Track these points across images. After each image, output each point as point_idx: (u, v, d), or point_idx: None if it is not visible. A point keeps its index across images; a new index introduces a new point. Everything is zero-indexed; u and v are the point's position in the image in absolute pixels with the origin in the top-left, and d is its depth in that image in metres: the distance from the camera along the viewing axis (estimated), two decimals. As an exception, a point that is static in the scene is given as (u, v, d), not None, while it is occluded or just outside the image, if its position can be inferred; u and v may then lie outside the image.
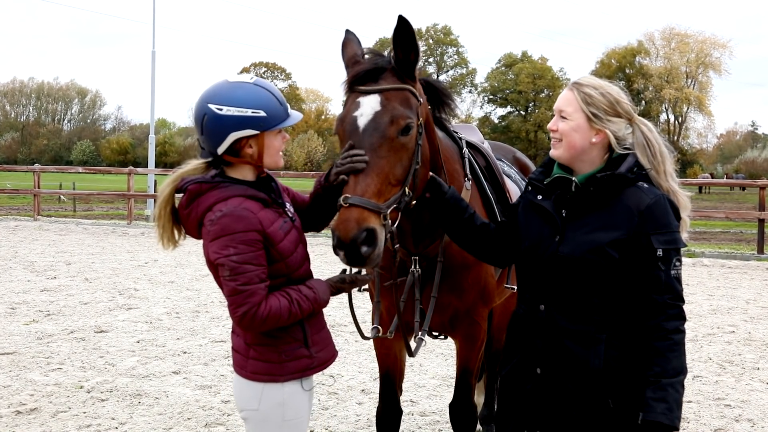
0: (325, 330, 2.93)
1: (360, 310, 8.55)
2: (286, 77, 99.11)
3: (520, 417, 2.85)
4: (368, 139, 2.84)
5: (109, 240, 17.37)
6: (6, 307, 9.24)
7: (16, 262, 13.25)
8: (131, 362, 6.87)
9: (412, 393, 6.12)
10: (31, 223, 21.09)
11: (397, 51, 2.99)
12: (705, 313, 9.80)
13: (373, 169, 2.80)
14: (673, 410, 2.54)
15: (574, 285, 2.70)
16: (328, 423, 5.41)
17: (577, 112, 2.75)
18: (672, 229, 2.65)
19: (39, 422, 5.28)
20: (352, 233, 2.65)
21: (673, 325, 2.60)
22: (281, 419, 2.77)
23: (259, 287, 2.63)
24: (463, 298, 3.59)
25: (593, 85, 2.78)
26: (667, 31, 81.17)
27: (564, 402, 2.72)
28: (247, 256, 2.61)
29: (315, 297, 2.75)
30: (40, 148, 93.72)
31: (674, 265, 2.63)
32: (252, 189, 2.74)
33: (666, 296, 2.61)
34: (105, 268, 12.76)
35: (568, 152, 2.78)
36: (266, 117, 2.70)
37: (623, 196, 2.69)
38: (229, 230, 2.60)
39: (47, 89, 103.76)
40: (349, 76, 3.03)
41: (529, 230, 2.86)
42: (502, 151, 4.97)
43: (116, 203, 31.67)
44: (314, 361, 2.83)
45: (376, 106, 2.91)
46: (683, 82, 79.89)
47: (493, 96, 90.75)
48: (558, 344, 2.72)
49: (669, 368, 2.57)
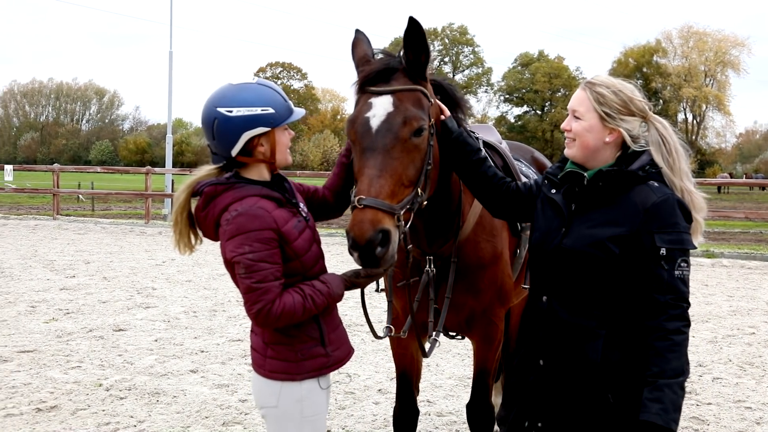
0: (340, 328, 2.95)
1: (377, 309, 8.57)
2: (302, 77, 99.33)
3: (522, 408, 2.87)
4: (381, 141, 2.84)
5: (127, 239, 17.49)
6: (26, 305, 9.32)
7: (36, 260, 13.38)
8: (149, 361, 6.91)
9: (428, 393, 6.12)
10: (51, 223, 21.28)
11: (408, 52, 2.99)
12: (725, 314, 9.72)
13: (387, 170, 2.81)
14: (669, 412, 2.50)
15: (575, 278, 2.71)
16: (344, 422, 5.41)
17: (590, 112, 2.75)
18: (679, 229, 2.62)
19: (59, 420, 5.33)
20: (367, 235, 2.66)
21: (675, 326, 2.56)
22: (300, 416, 2.80)
23: (274, 285, 2.66)
24: (479, 298, 3.58)
25: (606, 84, 2.77)
26: (685, 29, 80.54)
27: (565, 395, 2.73)
28: (262, 254, 2.64)
29: (329, 291, 2.77)
30: (59, 148, 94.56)
31: (679, 265, 2.59)
32: (266, 189, 2.78)
33: (668, 296, 2.57)
34: (123, 267, 12.85)
35: (581, 152, 2.79)
36: (275, 113, 2.77)
37: (632, 193, 2.69)
38: (245, 229, 2.64)
39: (66, 90, 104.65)
40: (360, 76, 3.04)
41: (541, 222, 2.88)
42: (520, 151, 4.95)
43: (134, 203, 31.87)
44: (330, 359, 2.85)
45: (389, 107, 2.91)
46: (701, 81, 79.25)
47: (509, 95, 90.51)
48: (558, 336, 2.74)
49: (668, 369, 2.53)
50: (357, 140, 2.91)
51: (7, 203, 30.42)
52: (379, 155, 2.82)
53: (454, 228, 3.44)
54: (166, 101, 27.56)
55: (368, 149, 2.84)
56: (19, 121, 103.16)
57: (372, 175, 2.78)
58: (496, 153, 4.00)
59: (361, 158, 2.86)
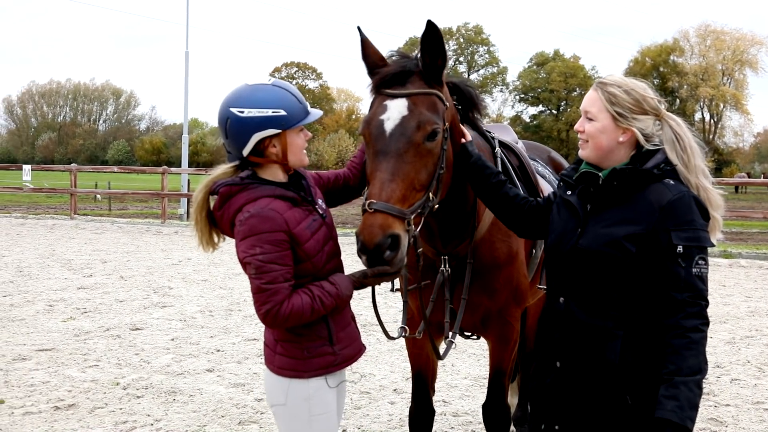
0: (351, 326, 2.97)
1: (392, 309, 8.57)
2: (318, 77, 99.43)
3: (539, 410, 2.86)
4: (394, 144, 2.84)
5: (144, 239, 17.59)
6: (44, 304, 9.40)
7: (54, 260, 13.48)
8: (166, 360, 6.95)
9: (444, 393, 6.11)
10: (68, 222, 21.44)
11: (425, 55, 2.98)
12: (743, 315, 9.64)
13: (399, 174, 2.80)
14: (684, 409, 2.48)
15: (592, 278, 2.69)
16: (360, 422, 5.42)
17: (602, 113, 2.74)
18: (695, 226, 2.60)
19: (77, 418, 5.37)
20: (376, 239, 2.67)
21: (692, 324, 2.55)
22: (308, 414, 2.82)
23: (283, 286, 2.69)
24: (494, 298, 3.57)
25: (618, 83, 2.76)
26: (703, 28, 79.87)
27: (582, 397, 2.72)
28: (273, 255, 2.67)
29: (337, 292, 2.78)
30: (77, 148, 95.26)
31: (697, 263, 2.57)
32: (281, 189, 2.80)
33: (686, 294, 2.56)
34: (140, 266, 12.93)
35: (595, 153, 2.78)
36: (286, 116, 2.78)
37: (647, 191, 2.67)
38: (256, 230, 2.68)
39: (83, 90, 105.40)
40: (375, 78, 3.02)
41: (557, 224, 2.87)
42: (536, 151, 4.93)
43: (150, 202, 32.05)
44: (338, 357, 2.87)
45: (404, 111, 2.90)
46: (719, 80, 78.59)
47: (524, 95, 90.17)
48: (576, 338, 2.72)
49: (684, 366, 2.52)
50: (370, 142, 2.91)
51: (26, 203, 30.70)
52: (392, 159, 2.82)
53: (469, 228, 3.43)
54: (182, 101, 27.69)
55: (381, 152, 2.84)
56: (37, 122, 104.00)
57: (384, 179, 2.78)
58: (512, 153, 3.99)
59: (374, 161, 2.86)
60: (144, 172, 28.15)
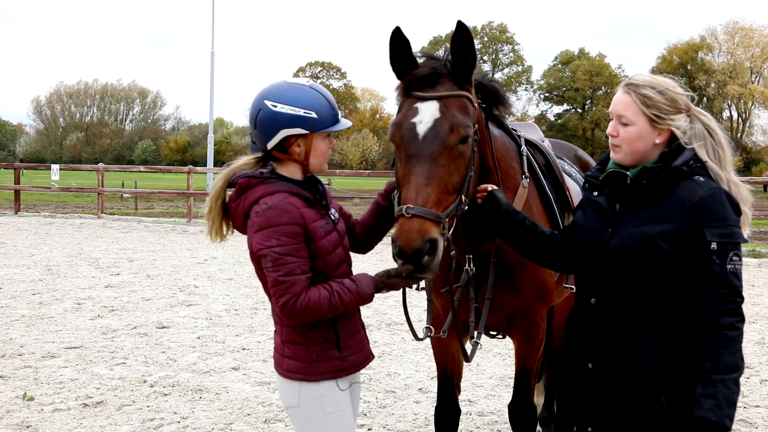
0: (360, 334, 2.96)
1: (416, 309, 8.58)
2: (342, 76, 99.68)
3: (572, 413, 2.84)
4: (428, 148, 2.82)
5: (170, 237, 17.74)
6: (72, 302, 9.51)
7: (82, 258, 13.64)
8: (192, 358, 7.00)
9: (469, 393, 6.10)
10: (95, 221, 21.68)
11: (455, 56, 2.96)
12: (772, 315, 9.51)
13: (434, 178, 2.79)
14: (723, 407, 2.46)
15: (624, 278, 2.67)
16: (385, 421, 5.42)
17: (638, 116, 2.69)
18: (729, 222, 2.57)
19: (105, 415, 5.42)
20: (415, 245, 2.65)
21: (728, 321, 2.52)
22: (323, 413, 2.82)
23: (300, 278, 2.69)
24: (519, 297, 3.55)
25: (650, 84, 2.70)
26: (731, 25, 78.91)
27: (615, 398, 2.69)
28: (289, 248, 2.68)
29: (357, 290, 2.77)
30: (104, 148, 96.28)
31: (731, 259, 2.55)
32: (297, 187, 2.82)
33: (721, 291, 2.53)
34: (166, 265, 13.04)
35: (630, 157, 2.74)
36: (317, 119, 2.79)
37: (678, 189, 2.64)
38: (273, 222, 2.69)
39: (110, 90, 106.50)
40: (404, 80, 2.99)
41: (585, 225, 2.84)
42: (563, 150, 4.90)
43: (176, 201, 32.31)
44: (345, 363, 2.86)
45: (436, 114, 2.88)
46: (747, 77, 77.57)
47: (549, 94, 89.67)
48: (609, 338, 2.69)
49: (721, 364, 2.49)
50: (402, 146, 2.88)
51: (54, 202, 31.08)
52: (426, 162, 2.80)
53: None
54: (208, 101, 27.96)
55: (414, 156, 2.81)
56: (65, 122, 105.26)
57: (419, 183, 2.76)
58: (538, 151, 3.96)
59: (406, 164, 2.83)
60: (170, 171, 28.42)
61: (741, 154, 71.98)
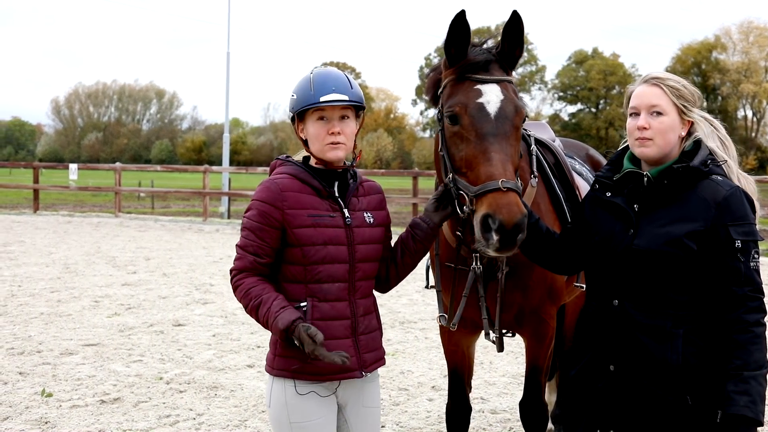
0: (343, 342, 2.78)
1: (429, 307, 8.59)
2: (356, 76, 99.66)
3: (591, 417, 2.82)
4: (501, 127, 2.90)
5: (186, 236, 17.86)
6: (90, 300, 9.63)
7: (99, 257, 13.77)
8: (208, 355, 7.08)
9: (482, 390, 6.13)
10: (113, 220, 21.87)
11: (505, 44, 3.05)
12: (787, 315, 9.46)
13: (510, 156, 2.88)
14: (757, 403, 2.51)
15: (649, 278, 2.68)
16: (399, 419, 5.47)
17: (670, 105, 2.74)
18: (750, 221, 2.63)
19: (122, 411, 5.50)
20: (516, 218, 2.68)
21: (754, 318, 2.58)
22: (288, 421, 2.77)
23: (248, 257, 2.75)
24: (528, 295, 3.55)
25: (672, 78, 2.79)
26: (745, 24, 78.19)
27: (639, 399, 2.69)
28: (254, 224, 2.76)
29: (266, 315, 2.65)
30: (121, 147, 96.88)
31: (753, 257, 2.61)
32: (305, 173, 2.84)
33: (746, 288, 2.58)
34: (182, 263, 13.15)
35: (662, 150, 2.75)
36: (295, 99, 2.84)
37: (698, 188, 2.68)
38: (255, 196, 2.80)
39: (128, 91, 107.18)
40: (460, 64, 3.03)
41: (599, 227, 2.83)
42: (574, 149, 4.92)
43: (192, 200, 32.49)
44: (308, 367, 2.73)
45: (500, 95, 2.97)
46: (762, 76, 76.86)
47: (563, 93, 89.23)
48: (633, 340, 2.70)
49: (751, 361, 2.54)
50: (473, 124, 2.91)
51: (72, 201, 31.37)
52: (503, 140, 2.88)
53: None
54: (224, 101, 28.00)
55: (491, 134, 2.88)
56: (83, 122, 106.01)
57: (503, 159, 2.83)
58: (548, 150, 3.99)
59: (481, 142, 2.87)
60: (186, 170, 28.56)
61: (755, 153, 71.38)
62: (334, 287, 2.79)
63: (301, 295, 2.78)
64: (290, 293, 2.78)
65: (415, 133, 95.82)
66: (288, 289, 2.79)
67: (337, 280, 2.80)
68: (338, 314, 2.80)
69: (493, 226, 2.68)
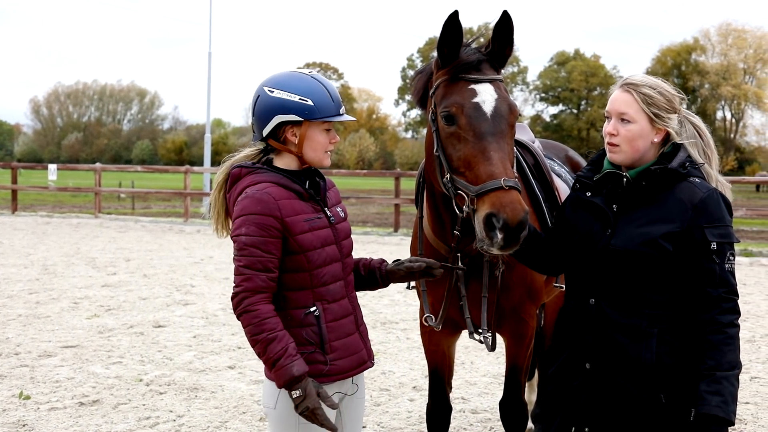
0: (352, 337, 2.83)
1: (411, 308, 8.60)
2: (339, 77, 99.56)
3: (567, 414, 2.85)
4: (498, 126, 2.92)
5: (167, 237, 17.76)
6: (69, 301, 9.55)
7: (79, 258, 13.66)
8: (188, 357, 7.04)
9: (463, 390, 6.15)
10: (93, 221, 21.70)
11: (495, 43, 3.08)
12: (763, 313, 9.58)
13: (508, 154, 2.90)
14: (729, 404, 2.54)
15: (625, 278, 2.71)
16: (380, 419, 5.47)
17: (639, 114, 2.73)
18: (726, 223, 2.66)
19: (101, 413, 5.46)
20: (520, 216, 2.69)
21: (728, 319, 2.61)
22: (297, 421, 2.72)
23: (259, 276, 2.63)
24: (508, 295, 3.57)
25: (648, 84, 2.76)
26: (724, 26, 78.99)
27: (614, 397, 2.72)
28: (256, 239, 2.63)
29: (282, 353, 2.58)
30: (101, 148, 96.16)
31: (728, 259, 2.63)
32: (287, 179, 2.76)
33: (721, 290, 2.61)
34: (162, 264, 13.07)
35: (631, 156, 2.77)
36: (312, 106, 2.72)
37: (675, 189, 2.70)
38: (246, 211, 2.66)
39: (109, 91, 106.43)
40: (453, 64, 3.04)
41: (579, 226, 2.86)
42: (553, 150, 4.94)
43: (173, 201, 32.31)
44: (330, 368, 2.74)
45: (494, 94, 2.99)
46: (740, 78, 77.68)
47: (545, 94, 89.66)
48: (608, 338, 2.72)
49: (724, 362, 2.57)
50: (470, 124, 2.92)
51: (51, 202, 31.08)
52: (501, 139, 2.90)
53: None
54: (205, 101, 27.91)
55: (488, 133, 2.89)
56: (62, 122, 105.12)
57: (502, 157, 2.85)
58: (527, 151, 4.01)
59: (479, 141, 2.88)
60: (167, 171, 28.41)
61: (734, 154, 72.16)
62: (337, 286, 2.82)
63: (308, 301, 2.74)
64: (297, 302, 2.75)
65: (398, 134, 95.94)
66: (292, 297, 2.74)
67: (337, 279, 2.82)
68: (344, 312, 2.83)
69: (497, 224, 2.70)
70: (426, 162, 3.31)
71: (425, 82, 3.26)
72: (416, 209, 3.79)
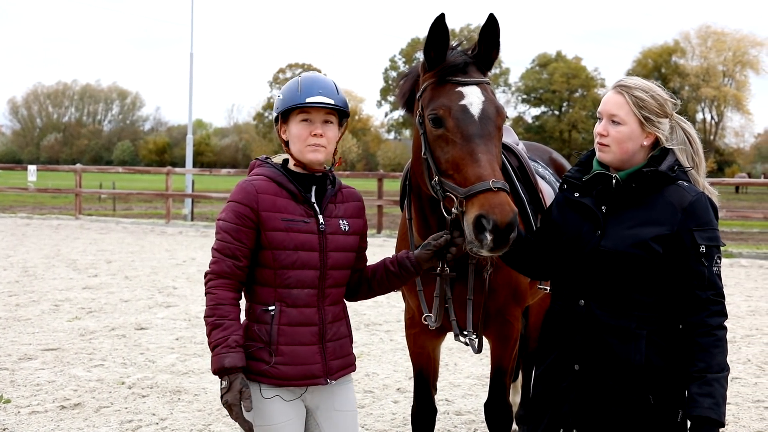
0: (308, 348, 2.79)
1: (395, 309, 8.59)
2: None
3: (554, 416, 2.86)
4: (485, 128, 2.93)
5: (148, 239, 17.65)
6: (50, 304, 9.46)
7: (59, 260, 13.54)
8: (171, 359, 7.00)
9: (447, 392, 6.16)
10: (73, 222, 21.53)
11: (481, 46, 3.09)
12: (743, 314, 9.68)
13: (496, 156, 2.92)
14: (720, 405, 2.57)
15: (615, 280, 2.72)
16: (364, 421, 5.46)
17: (630, 116, 2.75)
18: (713, 226, 2.69)
19: (82, 417, 5.42)
20: (509, 217, 2.69)
21: (717, 321, 2.64)
22: (253, 424, 2.73)
23: (226, 261, 2.72)
24: (493, 297, 3.57)
25: (642, 87, 2.78)
26: (703, 29, 79.71)
27: (603, 399, 2.74)
28: (230, 225, 2.74)
29: (221, 341, 2.65)
30: (81, 149, 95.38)
31: (716, 261, 2.67)
32: (282, 176, 2.84)
33: (709, 292, 2.64)
34: (144, 266, 12.99)
35: (619, 157, 2.78)
36: (281, 99, 2.85)
37: (664, 192, 2.72)
38: (230, 198, 2.80)
39: (90, 91, 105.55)
40: (440, 67, 3.05)
41: (567, 227, 2.86)
42: (537, 152, 4.95)
43: (155, 202, 32.11)
44: (270, 369, 2.74)
45: (481, 97, 3.01)
46: (720, 80, 78.46)
47: (527, 96, 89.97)
48: (598, 340, 2.73)
49: (713, 364, 2.60)
50: (458, 126, 2.93)
51: (31, 203, 30.79)
52: (489, 141, 2.91)
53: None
54: (187, 102, 27.81)
55: (477, 135, 2.90)
56: (42, 122, 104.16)
57: (490, 159, 2.85)
58: (511, 154, 4.02)
59: (467, 143, 2.89)
60: (148, 172, 28.21)
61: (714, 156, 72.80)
62: (303, 293, 2.80)
63: (270, 299, 2.79)
64: (260, 297, 2.81)
65: (380, 135, 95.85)
66: (258, 292, 2.82)
67: (306, 286, 2.80)
68: (306, 320, 2.80)
69: (487, 226, 2.70)
70: (413, 165, 3.31)
71: (411, 85, 3.27)
72: (401, 211, 3.80)
